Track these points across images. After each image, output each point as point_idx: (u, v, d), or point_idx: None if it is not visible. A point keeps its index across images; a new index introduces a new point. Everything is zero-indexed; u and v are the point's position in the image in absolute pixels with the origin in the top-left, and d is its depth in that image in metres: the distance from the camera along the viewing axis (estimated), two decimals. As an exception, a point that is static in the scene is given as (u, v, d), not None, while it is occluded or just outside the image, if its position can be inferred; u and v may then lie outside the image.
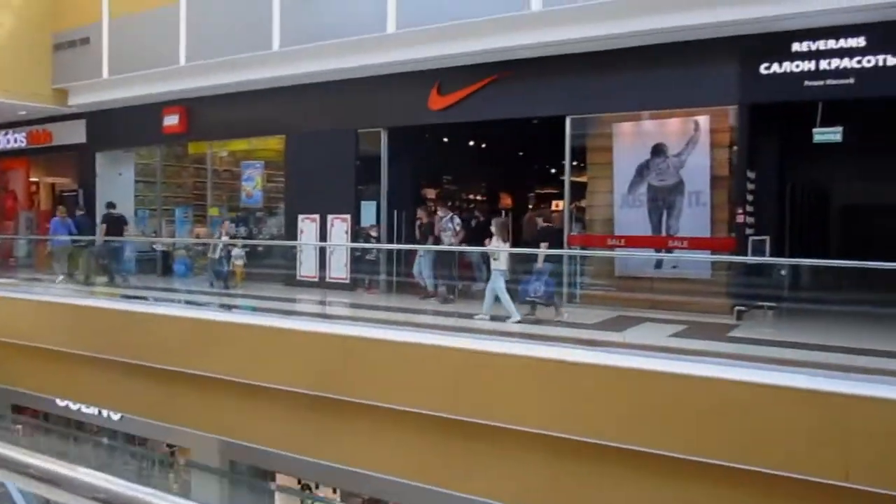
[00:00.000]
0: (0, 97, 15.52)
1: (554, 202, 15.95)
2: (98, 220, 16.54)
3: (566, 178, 11.65)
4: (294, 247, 13.82)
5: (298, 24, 12.51)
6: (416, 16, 11.37)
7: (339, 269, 13.30)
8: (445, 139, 15.56)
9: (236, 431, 9.02)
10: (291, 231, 14.00)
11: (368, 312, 11.27)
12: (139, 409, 10.17)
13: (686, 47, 10.23)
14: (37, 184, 20.95)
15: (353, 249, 12.91)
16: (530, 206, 17.04)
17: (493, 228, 10.45)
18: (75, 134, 17.26)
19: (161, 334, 9.71)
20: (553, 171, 14.86)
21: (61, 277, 13.74)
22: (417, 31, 11.42)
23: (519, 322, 9.43)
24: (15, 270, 15.10)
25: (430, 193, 17.55)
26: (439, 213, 12.51)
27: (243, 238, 14.25)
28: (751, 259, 9.69)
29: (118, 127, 16.45)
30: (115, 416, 10.84)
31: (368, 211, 13.18)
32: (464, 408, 7.04)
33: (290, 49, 12.63)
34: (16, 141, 18.69)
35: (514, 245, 11.28)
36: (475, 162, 17.72)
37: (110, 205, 15.20)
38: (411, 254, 12.26)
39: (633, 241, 11.13)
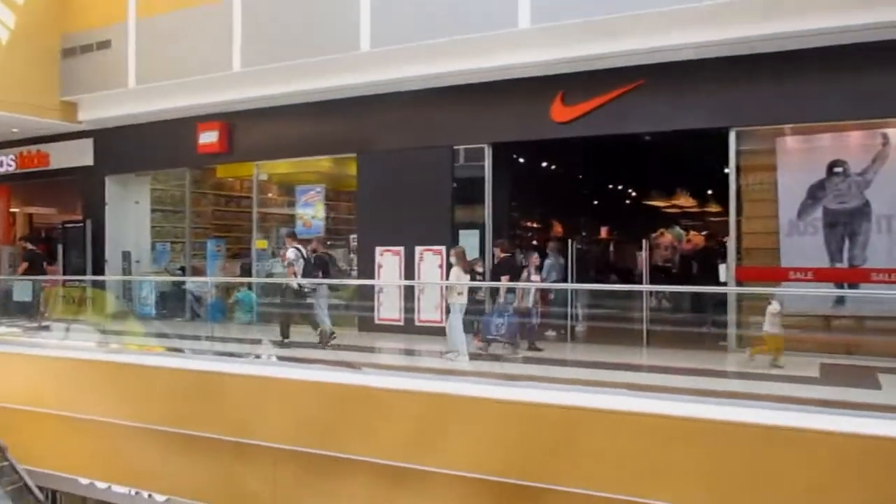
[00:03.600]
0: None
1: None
2: (107, 256, 14.36)
3: (731, 202, 9.90)
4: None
5: (390, 21, 10.48)
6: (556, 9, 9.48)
7: (429, 310, 11.20)
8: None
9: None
10: (366, 265, 11.84)
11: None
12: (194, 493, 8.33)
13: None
14: (13, 214, 18.22)
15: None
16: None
17: (451, 259, 9.45)
18: (80, 155, 14.66)
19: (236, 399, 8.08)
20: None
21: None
22: (553, 26, 9.55)
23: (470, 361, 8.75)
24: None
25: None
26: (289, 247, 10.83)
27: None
28: None
29: (134, 146, 14.01)
30: (160, 499, 8.77)
31: (469, 242, 11.11)
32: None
33: (382, 49, 10.58)
34: (1, 165, 15.93)
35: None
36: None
37: (31, 239, 14.59)
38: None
39: (822, 275, 9.42)
